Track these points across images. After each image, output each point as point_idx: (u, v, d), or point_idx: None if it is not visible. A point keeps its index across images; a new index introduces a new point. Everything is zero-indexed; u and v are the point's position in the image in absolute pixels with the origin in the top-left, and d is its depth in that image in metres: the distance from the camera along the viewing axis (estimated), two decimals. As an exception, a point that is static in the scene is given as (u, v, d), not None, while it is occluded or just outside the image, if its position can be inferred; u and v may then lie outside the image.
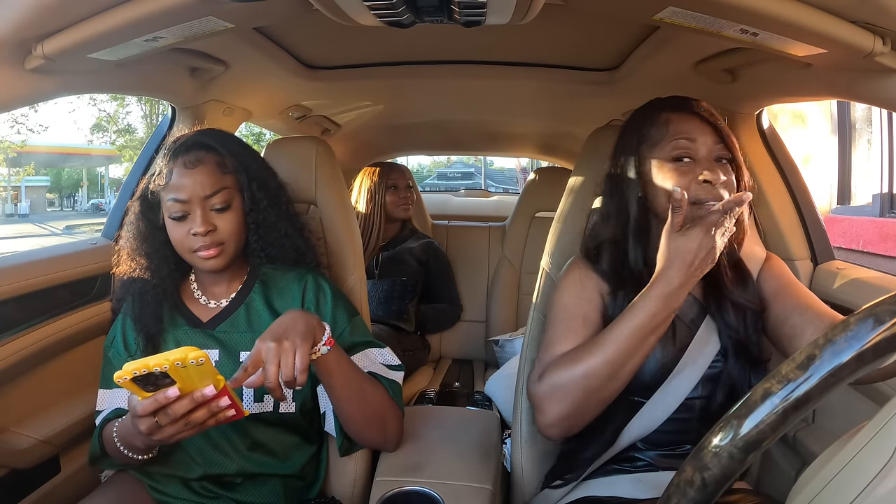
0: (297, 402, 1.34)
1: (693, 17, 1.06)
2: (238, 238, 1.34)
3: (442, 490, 1.24)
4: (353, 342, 1.36)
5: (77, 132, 33.44)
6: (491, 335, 3.15)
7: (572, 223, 1.54)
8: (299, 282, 1.39)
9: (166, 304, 1.37)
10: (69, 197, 31.08)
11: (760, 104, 1.65)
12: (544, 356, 1.22)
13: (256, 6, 1.08)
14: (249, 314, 1.37)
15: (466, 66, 1.93)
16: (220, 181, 1.31)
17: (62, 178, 30.72)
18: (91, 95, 19.19)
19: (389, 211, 2.93)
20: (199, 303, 1.40)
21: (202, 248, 1.28)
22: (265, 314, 1.36)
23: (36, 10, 1.02)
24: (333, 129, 2.78)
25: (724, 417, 0.56)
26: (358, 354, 1.35)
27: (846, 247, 4.98)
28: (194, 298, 1.40)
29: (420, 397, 2.55)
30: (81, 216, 25.88)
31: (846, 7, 0.96)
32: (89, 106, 19.76)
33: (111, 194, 28.90)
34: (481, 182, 14.94)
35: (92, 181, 30.55)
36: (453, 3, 1.02)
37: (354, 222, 1.76)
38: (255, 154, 1.43)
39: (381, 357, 1.38)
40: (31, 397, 1.53)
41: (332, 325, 1.35)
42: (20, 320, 1.49)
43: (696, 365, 1.21)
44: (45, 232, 20.68)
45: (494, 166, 20.47)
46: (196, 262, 1.31)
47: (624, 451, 1.25)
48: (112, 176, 30.18)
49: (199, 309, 1.39)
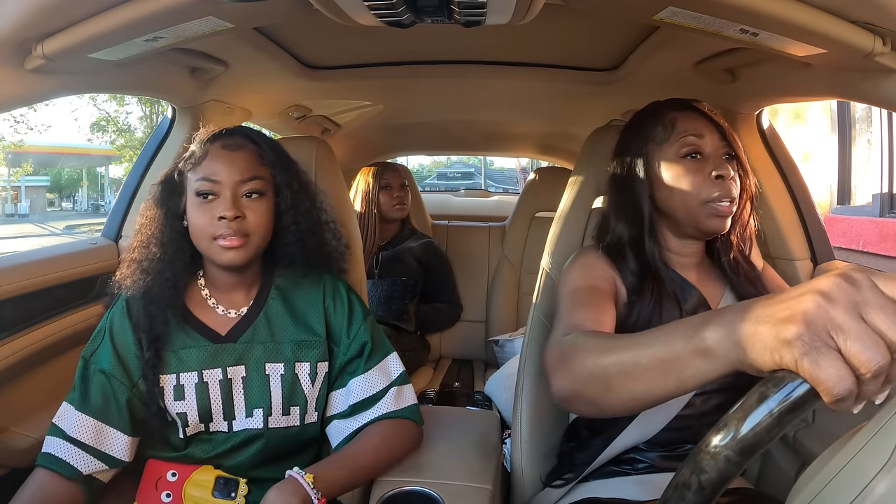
0: (318, 412, 1.33)
1: (693, 17, 1.06)
2: (265, 234, 1.26)
3: (442, 490, 1.24)
4: (371, 353, 1.34)
5: (77, 132, 33.47)
6: (491, 335, 3.15)
7: (572, 223, 1.54)
8: (318, 285, 1.36)
9: (172, 312, 1.26)
10: (69, 197, 31.07)
11: (760, 104, 1.65)
12: (560, 326, 1.14)
13: (256, 6, 1.08)
14: (270, 322, 1.30)
15: (466, 67, 1.93)
16: (257, 169, 1.24)
17: (62, 178, 30.70)
18: (91, 95, 19.23)
19: (384, 211, 2.93)
20: (215, 312, 1.29)
21: (226, 235, 1.18)
22: (287, 321, 1.31)
23: (36, 11, 1.02)
24: (333, 129, 2.78)
25: (722, 420, 0.56)
26: (375, 369, 1.33)
27: (846, 247, 4.97)
28: (207, 308, 1.29)
29: (420, 397, 2.55)
30: (81, 216, 25.87)
31: (846, 7, 0.96)
32: (89, 106, 19.81)
33: (111, 194, 28.89)
34: (481, 182, 14.93)
35: (92, 181, 30.54)
36: (453, 3, 1.02)
37: (355, 222, 1.76)
38: (294, 161, 1.36)
39: (394, 367, 1.37)
40: (30, 397, 1.53)
41: (348, 327, 1.34)
42: (20, 320, 1.49)
43: None
44: (45, 232, 20.66)
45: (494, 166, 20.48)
46: (214, 253, 1.21)
47: (624, 453, 1.25)
48: (112, 176, 30.18)
49: (214, 319, 1.28)
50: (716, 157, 1.21)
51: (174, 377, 1.23)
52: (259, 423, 1.25)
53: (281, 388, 1.27)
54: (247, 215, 1.21)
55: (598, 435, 1.28)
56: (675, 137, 1.23)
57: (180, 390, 1.22)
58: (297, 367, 1.28)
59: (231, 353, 1.26)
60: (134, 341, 1.23)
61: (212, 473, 1.24)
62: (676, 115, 1.25)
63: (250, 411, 1.26)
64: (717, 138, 1.22)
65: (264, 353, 1.27)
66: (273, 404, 1.26)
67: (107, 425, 1.19)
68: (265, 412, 1.26)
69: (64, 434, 1.17)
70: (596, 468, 1.28)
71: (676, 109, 1.27)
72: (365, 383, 1.31)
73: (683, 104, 1.27)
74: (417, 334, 2.95)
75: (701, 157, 1.21)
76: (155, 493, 1.21)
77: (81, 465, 1.15)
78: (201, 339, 1.26)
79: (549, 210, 3.05)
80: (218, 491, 1.21)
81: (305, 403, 1.29)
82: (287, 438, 1.29)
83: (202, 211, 1.20)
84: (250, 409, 1.26)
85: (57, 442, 1.16)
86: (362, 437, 1.28)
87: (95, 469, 1.17)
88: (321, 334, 1.31)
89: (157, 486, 1.22)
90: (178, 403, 1.22)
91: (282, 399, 1.27)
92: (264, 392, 1.26)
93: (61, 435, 1.17)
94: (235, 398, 1.25)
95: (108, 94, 18.27)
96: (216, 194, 1.20)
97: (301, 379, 1.28)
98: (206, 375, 1.24)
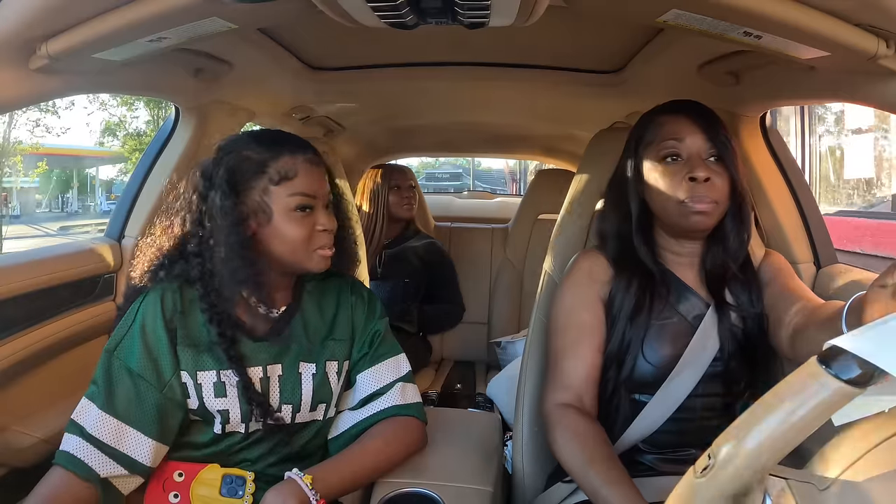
0: (336, 406, 1.35)
1: (697, 19, 1.06)
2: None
3: (443, 492, 1.24)
4: (383, 350, 1.38)
5: (89, 135, 33.65)
6: (493, 337, 3.15)
7: (575, 225, 1.54)
8: (343, 288, 1.38)
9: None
10: (57, 198, 30.88)
11: (764, 106, 1.65)
12: (553, 377, 1.31)
13: (260, 7, 1.08)
14: (305, 323, 1.32)
15: (470, 69, 1.93)
16: (328, 183, 1.30)
17: (51, 180, 30.56)
18: (102, 102, 19.35)
19: (393, 211, 2.95)
20: (257, 312, 1.28)
21: (326, 245, 1.24)
22: (319, 321, 1.33)
23: (40, 11, 1.02)
24: (337, 131, 2.78)
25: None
26: (383, 364, 1.36)
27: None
28: (248, 307, 1.28)
29: (422, 399, 2.55)
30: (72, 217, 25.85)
31: (849, 10, 0.96)
32: (100, 111, 20.05)
33: (101, 195, 29.04)
34: (469, 183, 14.99)
35: (81, 182, 30.42)
36: (457, 5, 1.02)
37: (358, 223, 1.76)
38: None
39: (403, 366, 1.39)
40: (32, 396, 1.53)
41: (365, 324, 1.37)
42: (22, 319, 1.49)
43: (696, 363, 1.23)
44: (40, 233, 20.71)
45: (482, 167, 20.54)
46: (310, 262, 1.24)
47: (625, 455, 1.25)
48: (102, 177, 30.19)
49: (253, 318, 1.28)
50: (695, 159, 1.22)
51: (214, 374, 1.21)
52: (287, 419, 1.26)
53: (312, 387, 1.28)
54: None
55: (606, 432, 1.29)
56: (658, 140, 1.26)
57: (221, 387, 1.21)
58: (327, 366, 1.30)
59: (269, 352, 1.26)
60: (167, 344, 1.19)
61: (218, 472, 1.23)
62: (665, 117, 1.28)
63: (280, 408, 1.26)
64: (701, 140, 1.23)
65: (299, 352, 1.28)
66: (303, 403, 1.27)
67: (130, 427, 1.15)
68: (294, 409, 1.27)
69: (83, 432, 1.13)
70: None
71: (667, 112, 1.29)
72: (373, 377, 1.34)
73: (676, 107, 1.30)
74: (419, 335, 2.95)
75: (680, 160, 1.24)
76: (163, 493, 1.21)
77: (99, 466, 1.12)
78: (241, 337, 1.25)
79: (551, 212, 3.04)
80: (225, 489, 1.22)
81: (330, 399, 1.31)
82: (306, 432, 1.31)
83: (301, 224, 1.21)
84: (280, 406, 1.26)
85: (75, 441, 1.13)
86: (364, 439, 1.28)
87: (113, 472, 1.13)
88: (347, 335, 1.34)
89: (164, 487, 1.22)
90: (218, 400, 1.21)
91: (311, 398, 1.28)
92: (296, 390, 1.27)
93: (80, 433, 1.13)
94: (272, 396, 1.26)
95: (118, 97, 18.37)
96: (312, 207, 1.23)
97: (330, 377, 1.30)
98: (250, 373, 1.23)
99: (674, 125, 1.25)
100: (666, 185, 1.23)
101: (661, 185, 1.24)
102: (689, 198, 1.19)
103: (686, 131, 1.24)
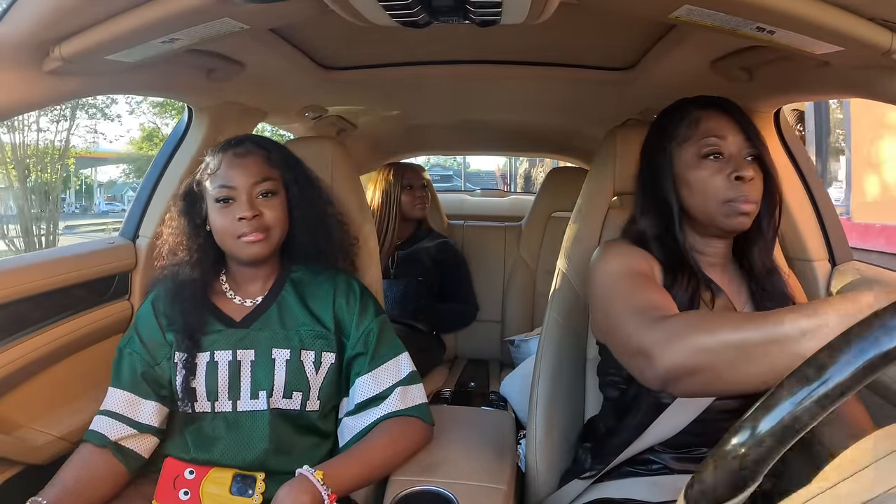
0: (321, 401, 1.37)
1: (709, 15, 1.05)
2: (282, 227, 1.38)
3: (456, 490, 1.24)
4: (382, 351, 1.39)
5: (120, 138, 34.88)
6: (506, 335, 3.15)
7: (589, 223, 1.54)
8: (331, 282, 1.43)
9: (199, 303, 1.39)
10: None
11: (777, 102, 1.64)
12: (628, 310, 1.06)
13: (272, 7, 1.08)
14: (282, 312, 1.39)
15: (482, 67, 1.93)
16: (266, 171, 1.36)
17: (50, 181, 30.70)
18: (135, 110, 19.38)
19: (405, 210, 2.96)
20: (233, 302, 1.41)
21: (248, 232, 1.31)
22: (299, 312, 1.39)
23: (53, 13, 1.03)
24: (349, 130, 2.79)
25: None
26: (383, 367, 1.38)
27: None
28: (225, 298, 1.42)
29: (435, 397, 2.56)
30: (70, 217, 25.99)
31: (863, 4, 0.95)
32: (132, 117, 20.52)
33: (99, 196, 29.34)
34: (461, 184, 15.07)
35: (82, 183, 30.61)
36: (468, 3, 1.01)
37: (370, 222, 1.76)
38: (299, 159, 1.49)
39: (404, 367, 1.40)
40: (47, 394, 1.55)
41: (358, 322, 1.39)
42: (38, 318, 1.51)
43: None
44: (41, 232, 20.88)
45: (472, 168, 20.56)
46: (239, 250, 1.33)
47: (639, 454, 1.25)
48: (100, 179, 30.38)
49: (230, 308, 1.40)
50: (737, 157, 1.20)
51: (184, 355, 1.34)
52: (263, 405, 1.32)
53: (285, 373, 1.34)
54: (263, 213, 1.33)
55: (616, 435, 1.28)
56: (697, 137, 1.23)
57: (192, 368, 1.33)
58: (302, 354, 1.36)
59: (242, 337, 1.37)
60: (159, 332, 1.37)
61: (229, 471, 1.27)
62: (700, 113, 1.25)
63: (255, 393, 1.33)
64: (741, 139, 1.21)
65: (272, 338, 1.36)
66: (275, 387, 1.33)
67: (138, 396, 1.33)
68: (268, 394, 1.32)
69: (102, 410, 1.33)
70: (611, 469, 1.27)
71: (701, 108, 1.26)
72: (372, 381, 1.36)
73: (709, 102, 1.27)
74: (433, 334, 2.95)
75: (722, 158, 1.21)
76: (173, 491, 1.26)
77: (109, 431, 1.29)
78: (217, 324, 1.38)
79: (565, 210, 3.03)
80: (235, 487, 1.24)
81: (308, 390, 1.35)
82: (288, 420, 1.34)
83: (223, 215, 1.33)
84: (255, 392, 1.33)
85: (97, 418, 1.32)
86: (371, 435, 1.32)
87: (122, 434, 1.29)
88: (329, 327, 1.38)
89: (174, 485, 1.27)
90: (189, 379, 1.32)
91: (284, 383, 1.33)
92: (269, 375, 1.33)
93: (100, 412, 1.33)
94: (242, 379, 1.34)
95: (125, 94, 18.41)
96: (234, 199, 1.32)
97: (305, 366, 1.35)
98: (216, 356, 1.35)
99: (714, 122, 1.23)
100: (709, 184, 1.20)
101: (702, 185, 1.21)
102: (735, 198, 1.17)
103: (728, 129, 1.21)
